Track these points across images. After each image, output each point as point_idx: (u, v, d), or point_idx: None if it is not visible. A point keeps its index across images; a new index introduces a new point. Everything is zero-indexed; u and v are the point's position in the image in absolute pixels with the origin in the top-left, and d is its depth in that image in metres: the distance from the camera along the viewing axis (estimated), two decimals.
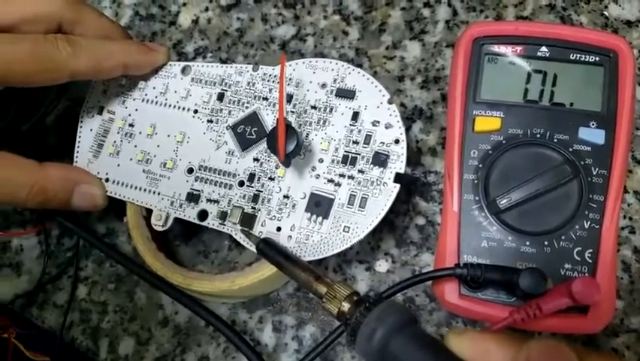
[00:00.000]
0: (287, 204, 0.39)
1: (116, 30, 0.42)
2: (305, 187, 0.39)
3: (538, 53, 0.39)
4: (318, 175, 0.39)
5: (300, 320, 0.44)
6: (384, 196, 0.37)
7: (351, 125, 0.38)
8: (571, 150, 0.38)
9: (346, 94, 0.39)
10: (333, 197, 0.38)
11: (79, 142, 0.44)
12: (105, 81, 0.43)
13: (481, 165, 0.38)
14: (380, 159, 0.38)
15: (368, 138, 0.38)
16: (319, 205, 0.38)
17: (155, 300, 0.46)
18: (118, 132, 0.43)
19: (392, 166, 0.37)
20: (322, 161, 0.39)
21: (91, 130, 0.43)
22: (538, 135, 0.38)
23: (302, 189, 0.39)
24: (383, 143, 0.38)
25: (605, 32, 0.45)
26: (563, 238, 0.37)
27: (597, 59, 0.38)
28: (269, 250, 0.37)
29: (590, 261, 0.37)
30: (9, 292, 0.47)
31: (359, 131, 0.38)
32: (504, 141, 0.38)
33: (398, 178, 0.37)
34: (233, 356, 0.44)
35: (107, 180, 0.42)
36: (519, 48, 0.39)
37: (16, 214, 0.48)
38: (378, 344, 0.26)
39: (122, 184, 0.42)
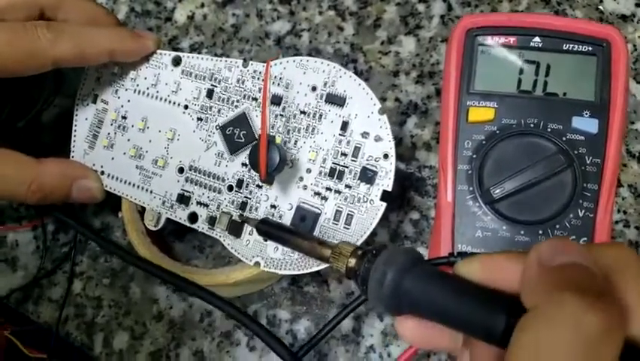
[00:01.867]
0: (274, 214, 0.38)
1: (103, 14, 0.41)
2: (292, 198, 0.38)
3: (531, 44, 0.39)
4: (306, 186, 0.38)
5: (295, 314, 0.44)
6: (370, 215, 0.36)
7: (340, 135, 0.37)
8: (564, 139, 0.38)
9: (336, 100, 0.37)
10: (319, 212, 0.37)
11: (75, 131, 0.44)
12: (99, 68, 0.43)
13: (475, 156, 0.38)
14: (367, 175, 0.36)
15: (357, 151, 0.37)
16: (305, 220, 0.37)
17: (149, 294, 0.45)
18: (111, 124, 0.43)
19: (379, 183, 0.36)
20: (310, 171, 0.38)
21: (86, 119, 0.43)
22: (531, 125, 0.38)
23: (289, 199, 0.38)
24: (372, 157, 0.36)
25: (597, 22, 0.45)
26: (557, 227, 0.37)
27: (590, 48, 0.39)
28: (268, 228, 0.37)
29: None
30: (4, 287, 0.46)
31: (348, 142, 0.37)
32: (498, 131, 0.38)
33: (385, 196, 0.36)
34: (227, 351, 0.44)
35: (102, 172, 0.42)
36: (512, 39, 0.39)
37: (11, 209, 0.48)
38: (390, 285, 0.25)
39: (117, 179, 0.42)
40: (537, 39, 0.39)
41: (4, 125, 0.44)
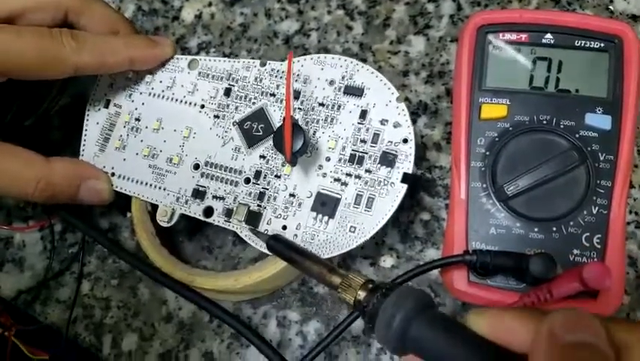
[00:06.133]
0: (293, 202, 0.38)
1: (122, 22, 0.42)
2: (311, 186, 0.38)
3: (543, 40, 0.39)
4: (325, 174, 0.38)
5: (305, 315, 0.44)
6: (391, 196, 0.37)
7: (359, 123, 0.38)
8: (577, 136, 0.37)
9: (355, 91, 0.38)
10: (339, 196, 0.38)
11: (85, 135, 0.43)
12: (112, 74, 0.43)
13: (488, 153, 0.38)
14: (388, 159, 0.37)
15: (376, 137, 0.38)
16: (325, 205, 0.38)
17: (158, 295, 0.45)
18: (124, 126, 0.43)
19: (400, 166, 0.37)
20: (329, 160, 0.38)
21: (97, 123, 0.43)
22: (544, 122, 0.38)
23: (308, 187, 0.38)
24: (391, 142, 0.37)
25: (609, 18, 0.44)
26: (571, 223, 0.37)
27: (602, 45, 0.38)
28: (279, 246, 0.37)
29: (599, 246, 0.36)
30: (12, 288, 0.46)
31: (367, 129, 0.38)
32: (510, 128, 0.38)
33: (406, 178, 0.37)
34: (237, 352, 0.43)
35: (112, 174, 0.42)
36: (523, 35, 0.39)
37: (18, 209, 0.48)
38: (398, 329, 0.25)
39: (128, 179, 0.42)
40: (549, 36, 0.39)
41: (13, 123, 0.44)
